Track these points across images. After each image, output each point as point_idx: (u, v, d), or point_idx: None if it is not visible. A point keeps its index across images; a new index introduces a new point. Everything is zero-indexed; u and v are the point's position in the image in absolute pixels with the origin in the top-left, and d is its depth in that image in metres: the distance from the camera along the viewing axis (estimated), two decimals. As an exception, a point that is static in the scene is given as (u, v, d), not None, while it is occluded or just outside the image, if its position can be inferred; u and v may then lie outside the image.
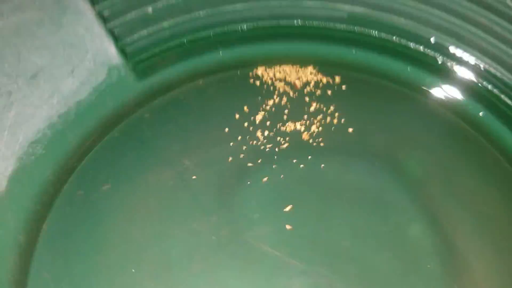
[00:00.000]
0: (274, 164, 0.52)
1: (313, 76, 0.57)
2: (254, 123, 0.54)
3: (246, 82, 0.56)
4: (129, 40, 0.54)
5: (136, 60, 0.54)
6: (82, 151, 0.51)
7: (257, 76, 0.57)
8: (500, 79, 0.54)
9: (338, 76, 0.57)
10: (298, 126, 0.54)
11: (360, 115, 0.54)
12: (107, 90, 0.52)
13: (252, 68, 0.57)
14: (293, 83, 0.56)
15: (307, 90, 0.56)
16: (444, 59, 0.56)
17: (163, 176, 0.51)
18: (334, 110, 0.55)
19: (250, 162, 0.52)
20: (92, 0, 0.51)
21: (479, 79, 0.55)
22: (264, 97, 0.55)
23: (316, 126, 0.54)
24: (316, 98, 0.55)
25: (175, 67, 0.56)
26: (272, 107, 0.55)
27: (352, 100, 0.55)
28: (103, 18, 0.52)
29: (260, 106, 0.55)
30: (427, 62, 0.57)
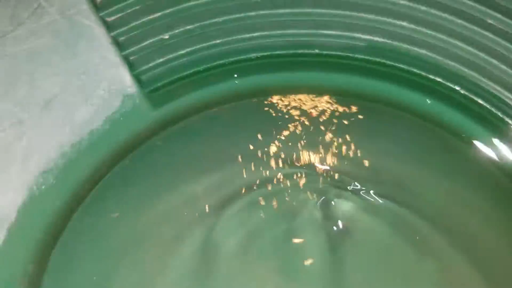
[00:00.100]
0: (287, 196, 0.51)
1: (329, 105, 0.56)
2: (268, 152, 0.53)
3: (261, 111, 0.56)
4: (144, 68, 0.54)
5: (151, 89, 0.54)
6: (93, 180, 0.51)
7: (272, 105, 0.56)
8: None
9: (354, 106, 0.56)
10: (313, 156, 0.53)
11: (376, 147, 0.53)
12: (121, 119, 0.52)
13: (267, 97, 0.56)
14: (308, 112, 0.56)
15: (322, 119, 0.55)
16: (465, 91, 0.55)
17: (174, 205, 0.50)
18: (349, 140, 0.54)
19: (263, 192, 0.51)
20: (108, 27, 0.51)
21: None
22: (279, 126, 0.55)
23: (331, 157, 0.53)
24: (331, 128, 0.55)
25: (190, 95, 0.55)
26: (286, 136, 0.54)
27: (369, 131, 0.54)
28: (118, 45, 0.52)
29: (275, 135, 0.54)
30: (447, 94, 0.56)
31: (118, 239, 0.49)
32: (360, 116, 0.55)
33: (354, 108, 0.56)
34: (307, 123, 0.55)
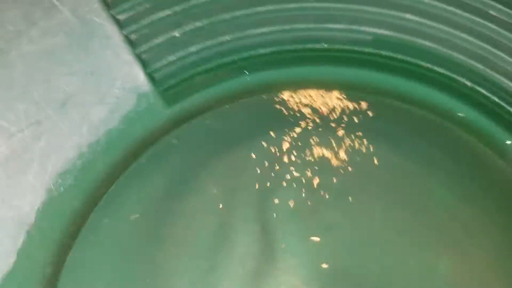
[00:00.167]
0: (303, 193, 0.51)
1: (339, 101, 0.56)
2: (280, 149, 0.53)
3: (272, 107, 0.55)
4: (157, 66, 0.53)
5: (165, 87, 0.54)
6: (110, 180, 0.51)
7: (283, 101, 0.56)
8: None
9: (364, 101, 0.56)
10: (326, 152, 0.53)
11: (388, 142, 0.53)
12: (136, 118, 0.51)
13: (278, 93, 0.56)
14: (319, 109, 0.56)
15: (333, 116, 0.55)
16: (473, 84, 0.55)
17: (190, 205, 0.50)
18: (362, 136, 0.54)
19: (277, 189, 0.51)
20: (119, 25, 0.51)
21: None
22: (290, 122, 0.55)
23: (344, 153, 0.53)
24: (342, 124, 0.55)
25: (202, 93, 0.55)
26: (298, 133, 0.54)
27: (380, 127, 0.55)
28: (130, 43, 0.51)
29: (287, 131, 0.54)
30: (457, 87, 0.56)
31: (135, 239, 0.49)
32: (369, 112, 0.55)
33: (364, 103, 0.56)
34: (318, 119, 0.55)
